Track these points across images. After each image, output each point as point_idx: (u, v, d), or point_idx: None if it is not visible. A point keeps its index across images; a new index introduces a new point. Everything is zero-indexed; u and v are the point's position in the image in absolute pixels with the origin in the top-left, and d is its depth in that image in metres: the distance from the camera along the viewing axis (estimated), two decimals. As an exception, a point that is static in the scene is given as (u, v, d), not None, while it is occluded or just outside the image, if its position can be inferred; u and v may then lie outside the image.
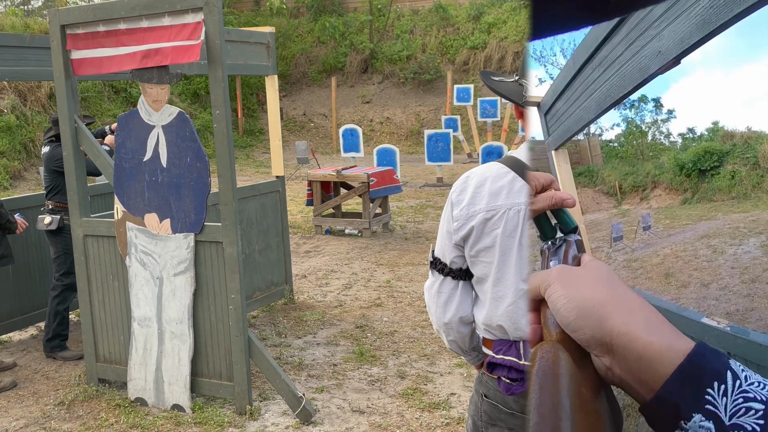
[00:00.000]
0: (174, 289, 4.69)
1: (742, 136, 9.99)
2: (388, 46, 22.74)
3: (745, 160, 10.35)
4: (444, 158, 14.43)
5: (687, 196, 8.28)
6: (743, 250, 6.80)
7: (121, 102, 17.69)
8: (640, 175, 9.09)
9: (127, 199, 4.75)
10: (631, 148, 6.09)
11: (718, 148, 9.29)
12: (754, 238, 7.20)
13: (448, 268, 2.14)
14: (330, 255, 9.13)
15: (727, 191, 9.78)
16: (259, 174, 16.66)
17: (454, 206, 2.11)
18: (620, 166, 9.42)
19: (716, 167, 9.43)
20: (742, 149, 10.48)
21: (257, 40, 6.39)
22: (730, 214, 8.41)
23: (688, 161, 7.34)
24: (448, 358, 5.49)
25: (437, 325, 2.22)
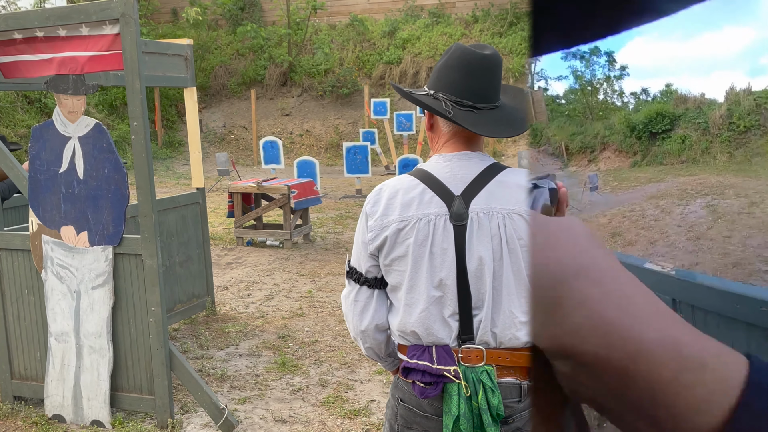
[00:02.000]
0: (92, 303, 4.64)
1: (695, 101, 10.33)
2: (306, 59, 22.80)
3: (696, 125, 10.70)
4: (362, 170, 14.58)
5: (637, 159, 8.50)
6: (689, 210, 7.06)
7: (35, 112, 17.18)
8: (588, 135, 9.28)
9: (42, 211, 4.67)
10: (580, 106, 6.23)
11: (670, 111, 9.55)
12: (700, 198, 7.47)
13: (364, 278, 2.22)
14: (252, 266, 9.11)
15: (677, 155, 10.12)
16: (180, 186, 16.43)
17: (368, 217, 2.19)
18: (568, 125, 9.56)
19: (668, 131, 9.70)
20: (695, 114, 10.84)
21: (175, 51, 6.36)
22: (679, 177, 8.70)
23: (640, 123, 7.47)
24: (368, 365, 5.58)
25: (354, 333, 2.29)
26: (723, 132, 10.76)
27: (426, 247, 2.07)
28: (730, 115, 10.74)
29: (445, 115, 2.10)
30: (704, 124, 10.71)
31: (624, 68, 5.58)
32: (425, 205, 2.09)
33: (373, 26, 22.70)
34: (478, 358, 2.06)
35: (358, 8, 23.15)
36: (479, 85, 2.10)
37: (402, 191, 2.14)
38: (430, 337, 2.09)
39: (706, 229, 6.28)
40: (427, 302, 2.08)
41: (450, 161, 2.15)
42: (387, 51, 22.02)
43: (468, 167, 2.13)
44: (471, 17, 21.93)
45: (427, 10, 22.48)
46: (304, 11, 22.63)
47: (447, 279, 2.06)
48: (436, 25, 21.99)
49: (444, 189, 2.10)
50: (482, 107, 2.10)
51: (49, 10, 4.44)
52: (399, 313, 2.14)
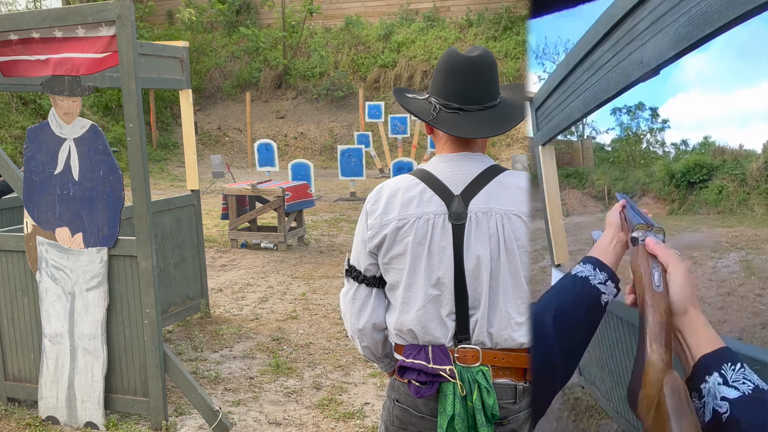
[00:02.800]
0: (87, 305, 4.63)
1: (732, 152, 10.37)
2: (301, 62, 22.82)
3: (734, 177, 10.74)
4: (357, 173, 14.59)
5: (674, 207, 8.52)
6: (722, 264, 7.00)
7: (30, 114, 17.15)
8: (630, 181, 9.29)
9: (37, 212, 4.67)
10: (624, 154, 6.31)
11: (708, 161, 9.60)
12: (734, 253, 7.42)
13: (363, 276, 2.23)
14: (246, 268, 9.10)
15: (714, 205, 10.13)
16: (174, 188, 16.42)
17: (368, 216, 2.20)
18: (611, 170, 9.61)
19: (705, 180, 9.75)
20: (732, 165, 10.88)
21: (171, 53, 6.37)
22: (714, 228, 8.69)
23: (678, 172, 7.51)
24: (362, 368, 5.58)
25: (351, 332, 2.30)
26: (761, 184, 10.78)
27: (424, 246, 2.08)
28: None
29: (424, 119, 2.14)
30: (741, 176, 10.73)
31: (666, 121, 5.73)
32: (425, 203, 2.10)
33: (368, 30, 22.74)
34: (473, 358, 2.07)
35: (353, 12, 23.20)
36: (465, 87, 2.12)
37: (402, 190, 2.15)
38: (426, 336, 2.10)
39: (738, 285, 6.24)
40: (424, 300, 2.09)
41: (450, 161, 2.16)
42: (382, 54, 22.06)
43: (468, 168, 2.14)
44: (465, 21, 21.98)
45: (422, 14, 22.53)
46: (300, 14, 22.66)
47: (444, 278, 2.07)
48: (430, 29, 22.03)
49: (444, 188, 2.11)
50: (469, 108, 2.11)
51: (45, 12, 4.44)
52: (396, 311, 2.15)
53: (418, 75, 21.11)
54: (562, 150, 11.01)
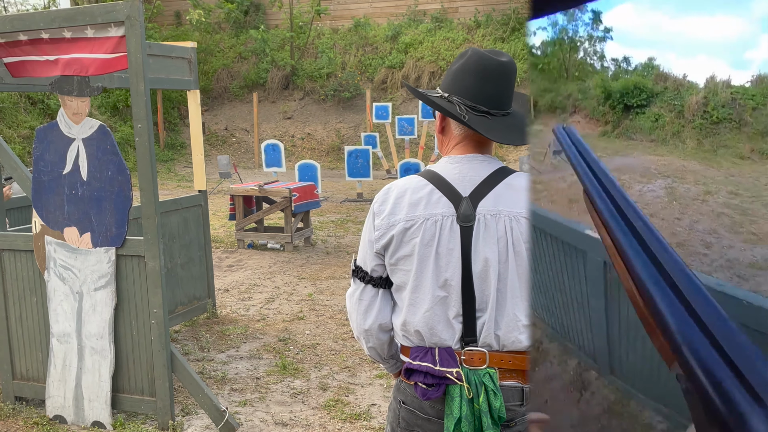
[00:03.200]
0: (94, 304, 4.65)
1: (675, 81, 10.30)
2: (308, 63, 22.83)
3: (672, 106, 10.67)
4: (364, 174, 14.58)
5: (607, 129, 8.43)
6: (648, 189, 7.07)
7: (38, 114, 17.21)
8: (561, 95, 9.23)
9: (45, 212, 4.68)
10: (556, 62, 6.32)
11: (649, 86, 9.51)
12: (660, 180, 7.46)
13: (369, 276, 2.23)
14: (252, 269, 9.12)
15: (648, 132, 10.05)
16: (181, 188, 16.45)
17: (375, 216, 2.20)
18: (539, 79, 9.55)
19: (643, 106, 9.65)
20: (672, 95, 10.80)
21: (179, 54, 6.39)
22: (646, 155, 8.62)
23: (617, 92, 7.43)
24: (368, 369, 5.59)
25: (357, 332, 2.30)
26: (696, 119, 10.78)
27: (432, 247, 2.08)
28: (706, 103, 10.74)
29: (460, 119, 2.10)
30: (680, 107, 10.78)
31: (608, 30, 5.55)
32: (433, 205, 2.10)
33: (376, 30, 22.73)
34: (480, 361, 2.07)
35: (360, 12, 23.19)
36: (495, 91, 2.11)
37: (410, 191, 2.15)
38: (433, 338, 2.10)
39: (660, 208, 6.35)
40: (431, 302, 2.09)
41: (459, 163, 2.16)
42: (389, 55, 22.05)
43: (477, 169, 2.14)
44: (473, 22, 21.96)
45: (430, 14, 22.52)
46: (308, 15, 22.67)
47: (452, 279, 2.07)
48: (438, 30, 22.01)
49: (452, 190, 2.11)
50: (495, 113, 2.11)
51: (55, 12, 4.45)
52: (403, 312, 2.15)
53: (425, 76, 21.10)
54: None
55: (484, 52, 2.15)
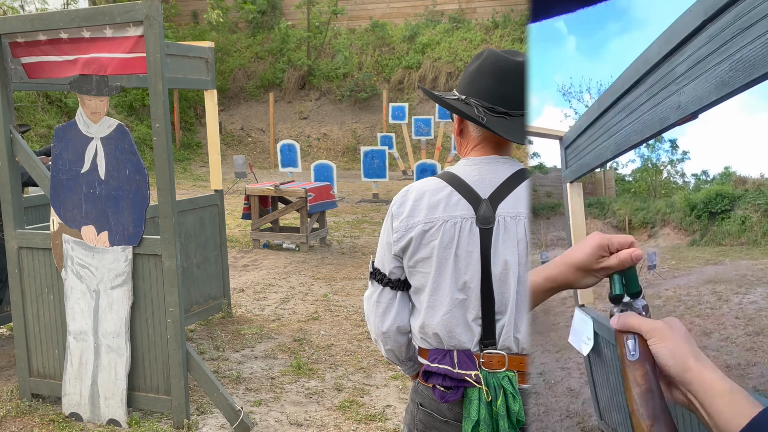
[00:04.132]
0: (111, 303, 4.66)
1: (754, 182, 10.09)
2: (325, 63, 22.86)
3: (757, 206, 10.45)
4: (380, 175, 14.57)
5: (695, 238, 8.27)
6: (749, 300, 6.62)
7: (55, 112, 17.32)
8: (650, 211, 9.10)
9: (63, 211, 4.70)
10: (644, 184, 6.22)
11: (729, 191, 9.36)
12: (761, 287, 7.08)
13: (387, 279, 2.22)
14: (268, 269, 9.13)
15: (737, 236, 9.84)
16: (197, 188, 16.51)
17: (394, 218, 2.18)
18: (632, 200, 9.42)
19: (727, 210, 9.50)
20: (754, 195, 10.61)
21: (197, 54, 6.40)
22: (739, 260, 8.39)
23: (699, 202, 7.32)
24: (384, 370, 5.57)
25: (375, 335, 2.29)
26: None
27: (451, 250, 2.06)
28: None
29: (478, 121, 2.08)
30: (765, 205, 10.47)
31: (686, 153, 5.57)
32: (452, 207, 2.08)
33: (393, 31, 22.72)
34: (499, 364, 2.06)
35: (378, 13, 23.19)
36: (512, 91, 2.08)
37: (429, 193, 2.13)
38: (452, 341, 2.09)
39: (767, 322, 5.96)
40: (450, 305, 2.07)
41: (479, 165, 2.14)
42: (406, 56, 22.03)
43: (496, 171, 2.12)
44: (491, 23, 21.91)
45: (448, 15, 22.48)
46: (325, 15, 22.70)
47: (471, 282, 2.05)
48: (456, 31, 21.97)
49: (471, 192, 2.09)
50: (514, 114, 2.09)
51: (74, 12, 4.47)
52: (421, 315, 2.14)
53: (442, 76, 21.07)
54: (584, 180, 10.76)
55: (500, 52, 2.13)
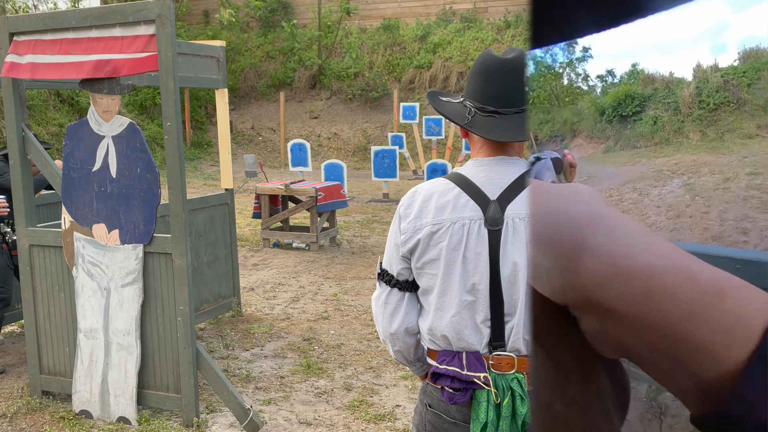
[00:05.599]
0: (122, 301, 4.68)
1: (663, 80, 10.03)
2: (336, 62, 22.86)
3: (667, 106, 10.49)
4: (390, 174, 14.56)
5: (610, 144, 8.23)
6: (667, 190, 7.00)
7: (67, 111, 17.38)
8: (557, 123, 8.96)
9: (75, 209, 4.72)
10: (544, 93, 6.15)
11: (639, 92, 9.31)
12: (677, 178, 7.37)
13: (395, 280, 2.21)
14: (278, 268, 9.14)
15: (650, 137, 9.90)
16: (207, 186, 16.54)
17: (401, 219, 2.18)
18: (534, 113, 9.28)
19: (638, 112, 9.45)
20: (664, 94, 10.63)
21: (208, 53, 6.42)
22: (653, 159, 8.52)
23: (609, 106, 7.28)
24: (393, 370, 5.57)
25: (383, 336, 2.28)
26: (694, 111, 10.61)
27: (459, 251, 2.06)
28: (699, 93, 10.59)
29: (460, 123, 2.11)
30: (674, 104, 10.62)
31: (586, 50, 5.36)
32: (460, 208, 2.08)
33: (404, 30, 22.69)
34: (509, 366, 2.05)
35: (389, 12, 23.17)
36: (500, 90, 2.09)
37: (437, 194, 2.13)
38: (460, 343, 2.08)
39: (685, 207, 6.33)
40: (458, 307, 2.07)
41: (486, 166, 2.13)
42: (417, 55, 21.99)
43: (505, 172, 2.11)
44: (503, 22, 21.86)
45: (459, 14, 22.44)
46: (336, 14, 22.70)
47: (480, 284, 2.04)
48: (467, 30, 21.93)
49: (480, 193, 2.08)
50: (505, 111, 2.09)
51: (87, 11, 4.49)
52: (429, 316, 2.13)
53: (453, 76, 21.04)
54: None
55: (491, 51, 2.15)
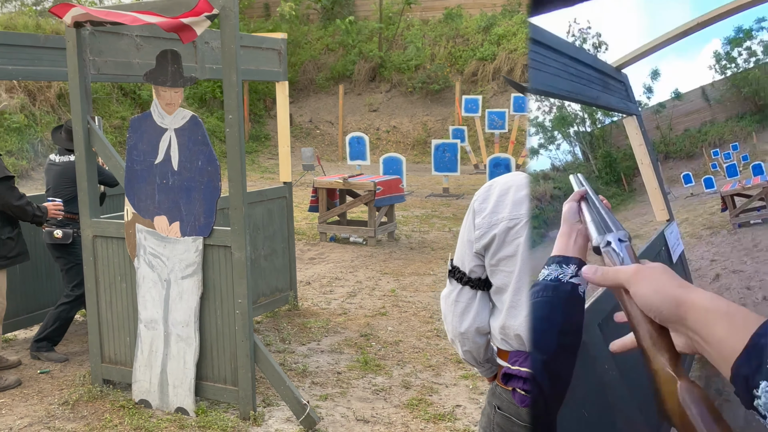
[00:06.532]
0: (181, 292, 4.69)
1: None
2: (396, 55, 22.76)
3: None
4: (451, 168, 14.42)
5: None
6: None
7: (129, 104, 17.70)
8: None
9: (137, 201, 4.75)
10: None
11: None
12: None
13: (467, 277, 2.13)
14: (334, 262, 9.12)
15: None
16: (264, 180, 16.67)
17: (476, 214, 2.10)
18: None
19: None
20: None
21: (269, 45, 6.41)
22: None
23: None
24: (453, 369, 5.48)
25: (452, 335, 2.21)
26: None
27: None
28: None
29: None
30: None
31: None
32: None
33: (468, 21, 22.44)
34: None
35: (452, 3, 22.94)
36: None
37: (514, 188, 2.04)
38: None
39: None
40: None
41: None
42: (481, 47, 21.72)
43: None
44: (565, 16, 21.47)
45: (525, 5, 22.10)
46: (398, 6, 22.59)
47: None
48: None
49: None
50: None
51: (151, 3, 4.50)
52: (502, 315, 2.05)
53: (518, 68, 20.73)
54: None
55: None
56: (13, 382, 5.18)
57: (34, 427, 4.59)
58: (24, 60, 5.55)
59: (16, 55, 5.52)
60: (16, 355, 5.78)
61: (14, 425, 4.61)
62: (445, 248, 9.72)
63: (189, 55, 5.40)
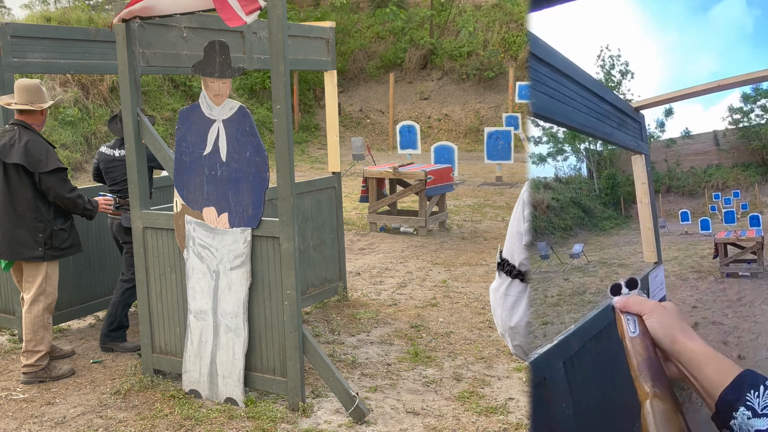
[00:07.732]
0: (230, 283, 4.69)
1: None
2: (448, 41, 22.55)
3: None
4: (504, 157, 14.22)
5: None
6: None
7: (180, 96, 17.90)
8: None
9: (186, 192, 4.76)
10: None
11: None
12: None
13: (517, 270, 2.05)
14: (384, 253, 9.07)
15: None
16: (314, 170, 16.70)
17: (526, 205, 2.01)
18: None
19: None
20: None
21: (317, 35, 6.37)
22: None
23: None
24: (506, 361, 5.38)
25: (502, 329, 2.13)
26: None
27: None
28: None
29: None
30: None
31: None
32: None
33: (521, 6, 22.09)
34: None
35: (505, -13, 22.59)
36: None
37: None
38: None
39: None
40: None
41: None
42: (533, 33, 21.39)
43: None
44: None
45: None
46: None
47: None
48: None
49: None
50: None
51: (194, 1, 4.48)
52: None
53: (569, 55, 20.36)
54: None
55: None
56: (66, 372, 5.25)
57: (86, 416, 4.64)
58: (75, 54, 5.61)
59: (68, 49, 5.57)
60: (70, 345, 5.87)
61: (68, 414, 4.67)
62: (498, 238, 9.59)
63: (237, 45, 5.38)
